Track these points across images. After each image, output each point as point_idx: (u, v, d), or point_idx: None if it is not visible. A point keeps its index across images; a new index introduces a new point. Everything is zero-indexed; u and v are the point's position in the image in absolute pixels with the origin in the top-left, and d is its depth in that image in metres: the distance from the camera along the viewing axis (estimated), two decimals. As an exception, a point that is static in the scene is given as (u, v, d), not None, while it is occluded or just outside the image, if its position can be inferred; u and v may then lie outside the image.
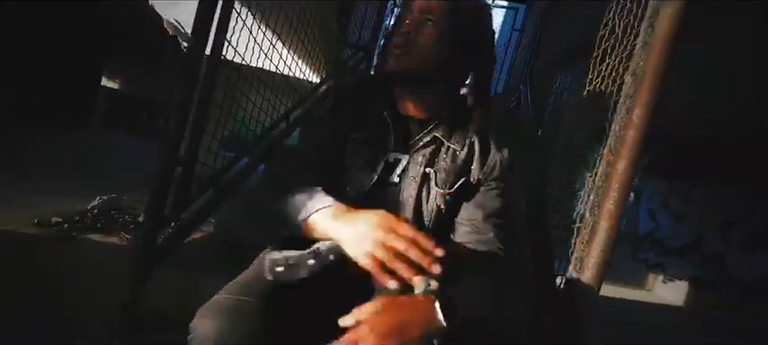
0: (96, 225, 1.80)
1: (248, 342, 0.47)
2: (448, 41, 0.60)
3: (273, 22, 1.30)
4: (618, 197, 0.62)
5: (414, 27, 0.60)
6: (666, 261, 4.78)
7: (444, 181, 0.63)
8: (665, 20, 0.63)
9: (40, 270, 1.31)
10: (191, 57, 0.89)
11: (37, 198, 1.94)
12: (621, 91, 0.73)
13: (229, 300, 0.50)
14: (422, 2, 0.61)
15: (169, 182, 0.89)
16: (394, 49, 0.61)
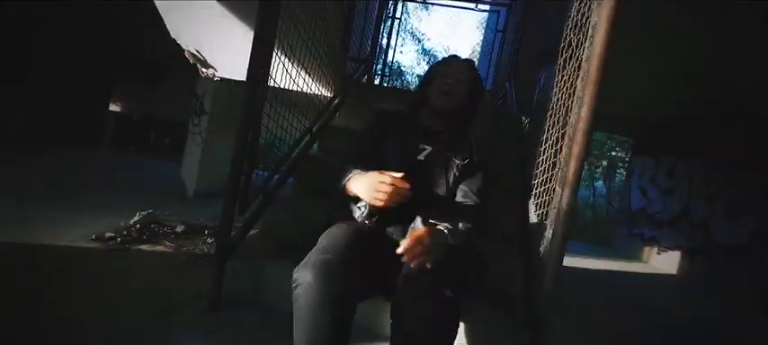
0: (142, 238, 2.04)
1: (332, 285, 0.72)
2: (470, 92, 1.07)
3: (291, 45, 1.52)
4: (574, 169, 0.87)
5: (454, 83, 1.04)
6: (659, 234, 5.06)
7: (454, 164, 0.99)
8: (599, 38, 0.88)
9: (107, 277, 1.55)
10: (248, 95, 1.12)
11: (76, 216, 2.16)
12: (575, 93, 0.98)
13: (318, 257, 0.75)
14: (458, 69, 1.07)
15: (237, 191, 1.12)
16: (442, 94, 1.03)
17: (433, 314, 0.71)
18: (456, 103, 1.05)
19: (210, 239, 2.26)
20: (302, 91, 1.55)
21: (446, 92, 1.03)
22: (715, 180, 4.37)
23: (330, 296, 0.72)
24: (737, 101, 3.65)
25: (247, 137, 1.12)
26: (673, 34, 2.54)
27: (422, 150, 1.01)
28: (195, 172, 3.43)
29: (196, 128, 3.51)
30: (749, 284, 3.69)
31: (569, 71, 1.10)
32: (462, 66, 1.10)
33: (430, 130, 1.05)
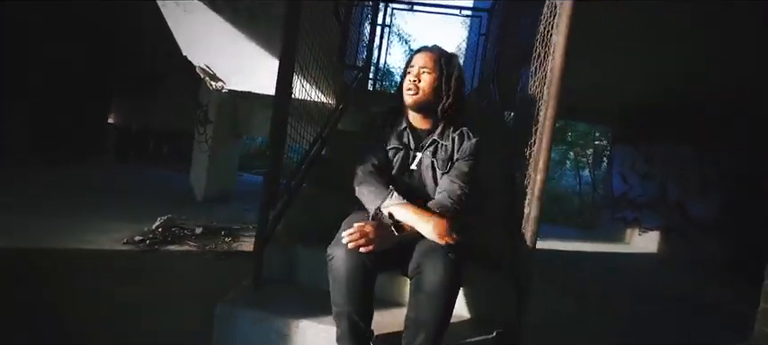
0: (167, 240, 2.23)
1: (358, 256, 0.93)
2: (437, 82, 1.09)
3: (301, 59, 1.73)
4: (544, 158, 1.11)
5: (416, 76, 1.08)
6: (640, 216, 5.42)
7: (444, 163, 1.12)
8: (558, 55, 1.13)
9: (148, 274, 1.74)
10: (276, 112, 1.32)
11: (100, 223, 2.33)
12: (543, 96, 1.23)
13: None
14: (421, 62, 1.09)
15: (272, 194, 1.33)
16: (407, 91, 1.09)
17: (444, 278, 0.93)
18: (423, 96, 1.08)
19: (228, 238, 2.46)
20: (312, 100, 1.76)
21: (410, 88, 1.08)
22: (687, 162, 4.73)
23: (357, 264, 0.95)
24: (703, 92, 4.00)
25: (278, 148, 1.32)
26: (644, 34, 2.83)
27: (414, 158, 1.13)
28: (203, 177, 3.60)
29: (202, 136, 3.68)
30: (720, 255, 4.05)
31: (539, 77, 1.34)
32: (424, 57, 1.11)
33: (416, 133, 1.13)
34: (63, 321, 1.20)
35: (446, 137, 1.14)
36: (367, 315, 0.99)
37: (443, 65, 1.12)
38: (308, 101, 1.80)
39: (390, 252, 1.01)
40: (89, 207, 2.76)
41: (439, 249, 0.95)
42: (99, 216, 2.51)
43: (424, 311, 0.93)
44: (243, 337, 1.16)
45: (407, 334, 0.96)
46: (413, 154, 1.14)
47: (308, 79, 1.72)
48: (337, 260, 0.95)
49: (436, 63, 1.11)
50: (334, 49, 2.42)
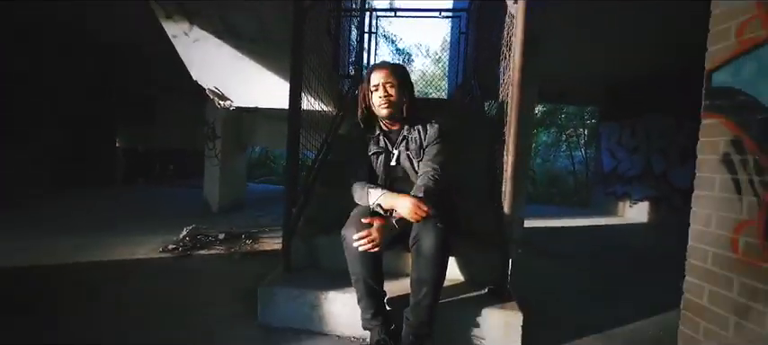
0: (196, 246, 2.50)
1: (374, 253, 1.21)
2: (405, 95, 1.38)
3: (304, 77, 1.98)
4: (514, 143, 1.38)
5: (387, 90, 1.35)
6: (629, 189, 5.70)
7: (417, 152, 1.39)
8: (516, 55, 1.40)
9: (184, 274, 2.01)
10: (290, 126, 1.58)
11: (136, 237, 2.59)
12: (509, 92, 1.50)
13: (356, 219, 1.24)
14: (383, 77, 1.36)
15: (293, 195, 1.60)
16: (381, 106, 1.36)
17: (436, 242, 1.20)
18: (397, 105, 1.36)
19: (249, 240, 2.73)
20: (316, 110, 2.02)
21: (382, 103, 1.34)
22: (669, 132, 5.00)
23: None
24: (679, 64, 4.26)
25: (294, 156, 1.59)
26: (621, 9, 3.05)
27: (391, 156, 1.42)
28: (216, 190, 3.87)
29: (211, 151, 3.94)
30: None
31: (507, 74, 1.62)
32: (383, 73, 1.35)
33: (389, 136, 1.43)
34: (133, 317, 1.48)
35: (412, 131, 1.42)
36: (379, 279, 1.26)
37: (399, 76, 1.38)
38: (312, 112, 2.07)
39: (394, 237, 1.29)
40: (120, 226, 3.02)
41: (430, 222, 1.22)
42: (132, 232, 2.78)
43: (424, 271, 1.20)
44: (281, 311, 1.44)
45: (413, 290, 1.23)
46: (390, 152, 1.43)
47: (310, 93, 1.99)
48: (350, 239, 1.23)
49: (393, 75, 1.37)
50: (328, 62, 2.68)
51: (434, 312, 1.22)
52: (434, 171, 1.34)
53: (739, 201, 1.06)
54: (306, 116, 1.88)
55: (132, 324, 1.42)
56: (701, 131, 1.19)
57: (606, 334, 1.60)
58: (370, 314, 1.25)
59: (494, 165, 1.86)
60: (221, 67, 3.04)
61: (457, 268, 1.62)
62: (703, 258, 1.18)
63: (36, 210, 3.49)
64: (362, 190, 1.33)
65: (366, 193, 1.31)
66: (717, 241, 1.13)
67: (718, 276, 1.13)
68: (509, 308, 1.39)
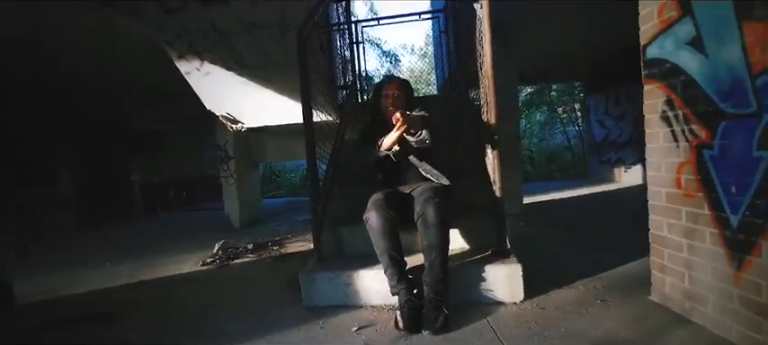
0: (230, 257, 2.78)
1: (384, 212, 1.50)
2: (404, 96, 1.91)
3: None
4: (494, 127, 1.67)
5: (393, 94, 1.89)
6: (622, 155, 5.96)
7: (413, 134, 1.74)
8: (486, 55, 1.68)
9: (228, 279, 2.30)
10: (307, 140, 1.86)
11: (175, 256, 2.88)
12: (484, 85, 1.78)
13: (373, 202, 1.53)
14: (392, 87, 1.92)
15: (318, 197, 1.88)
16: (391, 108, 1.82)
17: (436, 213, 1.49)
18: (401, 105, 1.85)
19: (275, 247, 3.02)
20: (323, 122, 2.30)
21: (391, 106, 1.86)
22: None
23: (385, 218, 1.50)
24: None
25: (313, 165, 1.87)
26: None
27: None
28: (236, 207, 4.17)
29: (226, 172, 4.24)
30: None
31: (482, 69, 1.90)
32: (392, 86, 1.92)
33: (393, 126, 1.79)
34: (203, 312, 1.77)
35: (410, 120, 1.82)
36: (399, 250, 1.54)
37: (402, 86, 1.94)
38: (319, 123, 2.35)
39: (402, 211, 1.59)
40: (159, 249, 3.30)
41: (431, 198, 1.52)
42: (171, 253, 3.06)
43: (432, 237, 1.48)
44: (321, 292, 1.72)
45: (426, 256, 1.52)
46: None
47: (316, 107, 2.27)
48: (372, 219, 1.52)
49: (399, 86, 1.93)
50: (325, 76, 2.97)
51: (446, 270, 1.50)
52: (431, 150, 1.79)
53: (677, 147, 1.34)
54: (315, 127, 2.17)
55: (204, 317, 1.71)
56: (644, 96, 1.47)
57: (597, 277, 1.88)
58: (396, 280, 1.52)
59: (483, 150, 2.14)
60: (231, 94, 3.34)
61: (464, 238, 1.90)
62: (659, 197, 1.46)
63: (75, 246, 3.78)
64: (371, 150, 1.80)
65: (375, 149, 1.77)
66: (666, 181, 1.41)
67: (671, 209, 1.41)
68: (510, 263, 1.67)
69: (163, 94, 4.82)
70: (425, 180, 1.76)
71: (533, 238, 2.79)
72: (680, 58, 1.28)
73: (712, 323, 1.28)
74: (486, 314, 1.54)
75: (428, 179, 1.76)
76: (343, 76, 3.62)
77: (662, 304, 1.51)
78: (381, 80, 2.04)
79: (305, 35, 1.92)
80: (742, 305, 1.16)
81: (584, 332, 1.36)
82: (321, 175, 2.02)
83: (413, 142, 1.75)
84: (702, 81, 1.20)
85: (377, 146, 1.77)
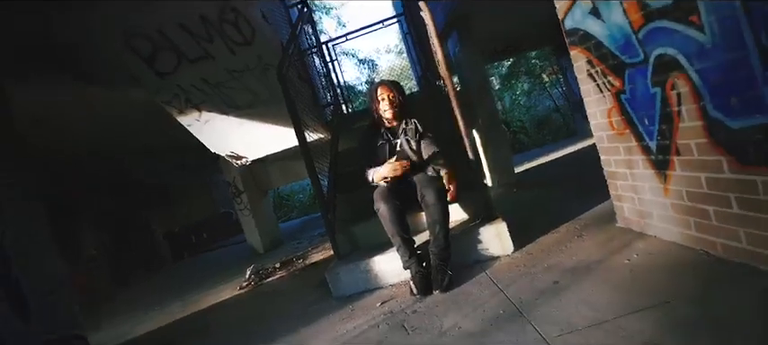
0: (262, 278, 3.11)
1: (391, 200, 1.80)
2: (400, 100, 2.07)
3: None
4: (459, 113, 1.97)
5: (390, 98, 2.04)
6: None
7: (414, 136, 2.04)
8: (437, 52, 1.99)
9: (266, 294, 2.62)
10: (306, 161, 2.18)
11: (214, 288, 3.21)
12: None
13: (383, 194, 1.84)
14: (387, 92, 2.06)
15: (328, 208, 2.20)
16: (386, 111, 2.05)
17: (435, 192, 1.79)
18: (395, 110, 2.04)
19: (300, 260, 3.34)
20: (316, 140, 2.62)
21: (387, 110, 2.03)
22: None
23: (393, 206, 1.81)
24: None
25: (315, 181, 2.19)
26: None
27: (396, 144, 2.04)
28: (257, 235, 4.51)
29: (240, 205, 4.58)
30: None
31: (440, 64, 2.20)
32: (386, 89, 2.03)
33: (391, 131, 2.07)
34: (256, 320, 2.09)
35: (408, 124, 2.08)
36: (408, 231, 1.85)
37: (397, 88, 2.07)
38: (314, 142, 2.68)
39: (406, 197, 1.89)
40: (198, 286, 3.65)
41: (431, 181, 1.83)
42: (209, 287, 3.40)
43: (434, 214, 1.79)
44: (346, 283, 2.04)
45: (430, 230, 1.82)
46: (393, 142, 2.06)
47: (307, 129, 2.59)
48: (381, 209, 1.83)
49: (392, 89, 2.04)
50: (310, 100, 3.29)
51: (449, 240, 1.81)
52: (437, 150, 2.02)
53: (603, 97, 1.64)
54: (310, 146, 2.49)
55: (253, 326, 2.03)
56: (572, 59, 1.77)
57: (577, 219, 2.18)
58: (407, 256, 1.83)
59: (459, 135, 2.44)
60: (231, 135, 3.68)
61: (460, 212, 2.20)
62: (602, 140, 1.76)
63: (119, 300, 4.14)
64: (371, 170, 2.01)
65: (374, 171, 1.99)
66: (603, 126, 1.71)
67: (612, 148, 1.70)
68: (496, 223, 1.98)
69: (168, 149, 5.19)
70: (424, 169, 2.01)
71: (524, 200, 3.08)
72: (588, 25, 1.58)
73: (660, 232, 1.57)
74: (484, 269, 1.85)
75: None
76: (326, 95, 3.96)
77: (625, 227, 1.80)
78: (374, 85, 2.12)
79: (284, 72, 2.24)
80: (674, 211, 1.45)
81: (562, 263, 1.66)
82: (324, 187, 2.34)
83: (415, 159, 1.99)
84: (606, 41, 1.50)
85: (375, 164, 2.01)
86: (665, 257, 1.42)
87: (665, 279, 1.28)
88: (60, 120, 3.50)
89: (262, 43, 2.86)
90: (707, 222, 1.30)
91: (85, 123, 3.76)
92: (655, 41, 1.28)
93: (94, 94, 3.23)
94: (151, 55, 2.80)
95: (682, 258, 1.38)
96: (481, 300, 1.54)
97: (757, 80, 0.99)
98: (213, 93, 3.24)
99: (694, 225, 1.37)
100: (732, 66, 1.04)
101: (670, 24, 1.19)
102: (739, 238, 1.20)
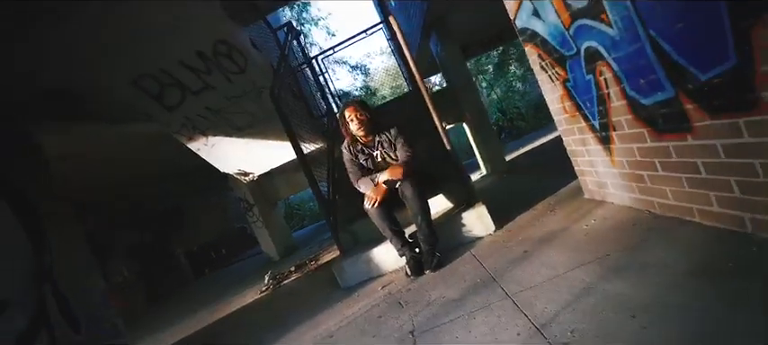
0: (279, 281, 3.41)
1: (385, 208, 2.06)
2: (369, 118, 2.23)
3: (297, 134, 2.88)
4: (431, 104, 2.22)
5: (359, 118, 2.20)
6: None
7: (390, 146, 2.23)
8: (407, 58, 2.23)
9: (284, 295, 2.91)
10: (305, 172, 2.46)
11: (238, 295, 3.53)
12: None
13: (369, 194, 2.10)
14: (356, 113, 2.21)
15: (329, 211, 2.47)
16: (359, 131, 2.20)
17: (412, 188, 2.03)
18: (368, 127, 2.17)
19: (312, 262, 3.63)
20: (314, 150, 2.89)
21: (360, 129, 2.15)
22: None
23: (382, 206, 2.06)
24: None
25: (316, 188, 2.46)
26: None
27: (375, 155, 2.21)
28: (272, 244, 4.82)
29: (253, 218, 4.90)
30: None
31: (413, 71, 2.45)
32: (354, 109, 2.15)
33: (367, 145, 2.22)
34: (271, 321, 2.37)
35: (381, 136, 2.25)
36: (396, 223, 2.10)
37: (362, 106, 2.25)
38: (313, 152, 2.95)
39: (392, 194, 2.13)
40: (222, 296, 3.97)
41: (408, 179, 2.06)
42: (232, 295, 3.73)
43: (413, 206, 2.04)
44: (351, 275, 2.30)
45: (414, 221, 2.07)
46: (372, 154, 2.26)
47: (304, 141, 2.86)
48: (372, 211, 2.08)
49: (359, 108, 2.20)
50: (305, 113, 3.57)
51: (432, 226, 2.05)
52: (407, 153, 2.18)
53: (555, 86, 1.86)
54: (309, 156, 2.76)
55: (273, 320, 2.31)
56: (527, 54, 1.99)
57: (553, 196, 2.40)
58: (400, 245, 2.08)
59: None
60: (235, 154, 4.00)
61: (446, 200, 2.45)
62: (560, 123, 1.98)
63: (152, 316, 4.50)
64: (366, 180, 2.19)
65: (369, 180, 2.17)
66: (559, 111, 1.93)
67: (569, 129, 1.92)
68: (478, 207, 2.21)
69: (177, 174, 5.56)
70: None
71: (511, 184, 3.30)
72: (533, 24, 1.80)
73: (615, 198, 1.79)
74: (469, 248, 2.09)
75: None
76: (321, 106, 4.23)
77: (590, 198, 2.02)
78: (341, 109, 2.26)
79: (276, 94, 2.51)
80: (621, 179, 1.67)
81: (533, 235, 1.89)
82: (325, 193, 2.61)
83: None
84: (548, 38, 1.72)
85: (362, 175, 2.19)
86: (616, 219, 1.65)
87: (612, 237, 1.51)
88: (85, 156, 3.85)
89: (254, 69, 3.15)
90: (644, 185, 1.52)
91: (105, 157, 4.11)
92: (582, 36, 1.50)
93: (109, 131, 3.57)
94: (159, 92, 3.12)
95: (629, 218, 1.60)
96: (464, 274, 1.78)
97: (653, 65, 1.21)
98: (216, 119, 3.55)
99: (637, 189, 1.59)
100: (635, 55, 1.27)
101: (589, 22, 1.41)
102: (667, 196, 1.42)
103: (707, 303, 0.93)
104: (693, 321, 0.90)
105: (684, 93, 1.16)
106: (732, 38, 0.94)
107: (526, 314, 1.23)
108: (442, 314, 1.47)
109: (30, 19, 2.07)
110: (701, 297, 0.96)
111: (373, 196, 2.05)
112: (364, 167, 2.25)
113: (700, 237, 1.25)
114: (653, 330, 0.92)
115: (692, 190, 1.28)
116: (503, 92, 11.51)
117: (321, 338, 1.74)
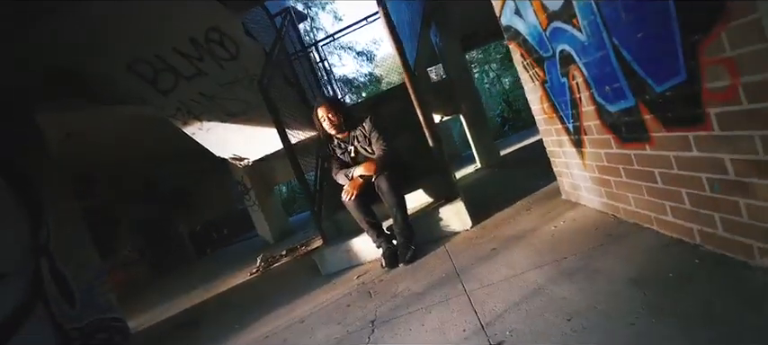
0: (270, 264, 3.53)
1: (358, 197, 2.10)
2: (342, 115, 2.28)
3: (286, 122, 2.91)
4: (417, 99, 2.22)
5: (331, 120, 2.24)
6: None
7: (365, 141, 2.27)
8: (395, 51, 2.23)
9: (272, 277, 3.03)
10: (291, 161, 2.51)
11: (232, 274, 3.67)
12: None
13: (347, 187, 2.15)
14: (325, 112, 2.24)
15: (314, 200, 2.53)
16: (331, 129, 2.26)
17: (387, 182, 2.07)
18: (339, 125, 2.22)
19: (302, 247, 3.74)
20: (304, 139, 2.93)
21: (332, 128, 2.21)
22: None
23: (359, 200, 2.11)
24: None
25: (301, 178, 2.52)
26: None
27: (350, 150, 2.27)
28: (267, 227, 4.95)
29: (249, 201, 5.02)
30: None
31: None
32: (325, 109, 2.19)
33: (343, 140, 2.28)
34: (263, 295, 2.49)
35: (355, 131, 2.28)
36: (373, 215, 2.16)
37: (334, 104, 2.28)
38: (304, 141, 3.00)
39: (368, 189, 2.18)
40: (218, 275, 4.14)
41: (383, 174, 2.10)
42: (226, 275, 3.89)
43: (388, 200, 2.08)
44: (331, 263, 2.39)
45: (390, 213, 2.12)
46: (348, 148, 2.29)
47: (295, 129, 2.90)
48: (349, 203, 2.13)
49: (330, 108, 2.23)
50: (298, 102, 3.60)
51: (407, 219, 2.10)
52: (382, 149, 2.21)
53: (535, 86, 1.85)
54: (299, 145, 2.81)
55: (258, 300, 2.42)
56: (511, 51, 1.97)
57: (532, 195, 2.41)
58: (376, 236, 2.14)
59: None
60: (231, 139, 4.07)
61: (427, 194, 2.48)
62: (540, 123, 1.98)
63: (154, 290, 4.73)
64: (343, 173, 2.24)
65: (346, 174, 2.22)
66: (539, 111, 1.92)
67: (548, 130, 1.92)
68: (456, 202, 2.25)
69: (181, 155, 5.69)
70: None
71: (499, 179, 3.30)
72: (515, 23, 1.77)
73: (587, 201, 1.80)
74: (443, 243, 2.14)
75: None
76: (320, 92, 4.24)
77: (566, 199, 2.04)
78: (314, 109, 2.30)
79: (264, 84, 2.53)
80: (592, 183, 1.68)
81: (504, 234, 1.92)
82: (311, 182, 2.66)
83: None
84: (529, 38, 1.70)
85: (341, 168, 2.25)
86: (582, 222, 1.67)
87: (576, 240, 1.53)
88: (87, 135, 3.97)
89: (246, 57, 3.16)
90: (611, 190, 1.53)
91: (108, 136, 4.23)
92: (557, 39, 1.48)
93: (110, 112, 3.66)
94: (153, 77, 3.16)
95: (595, 222, 1.62)
96: (433, 268, 1.84)
97: (616, 73, 1.20)
98: (210, 104, 3.60)
99: (605, 193, 1.60)
100: (601, 61, 1.26)
101: (562, 25, 1.40)
102: (630, 202, 1.43)
103: (635, 313, 0.96)
104: (617, 330, 0.94)
105: (643, 104, 1.15)
106: (682, 52, 0.93)
107: (477, 311, 1.28)
108: (403, 305, 1.53)
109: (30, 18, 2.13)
110: (632, 306, 0.99)
111: (350, 189, 2.09)
112: (343, 160, 2.29)
113: (652, 245, 1.27)
114: (582, 335, 0.97)
115: (650, 198, 1.30)
116: (511, 84, 11.27)
117: (294, 321, 1.83)
